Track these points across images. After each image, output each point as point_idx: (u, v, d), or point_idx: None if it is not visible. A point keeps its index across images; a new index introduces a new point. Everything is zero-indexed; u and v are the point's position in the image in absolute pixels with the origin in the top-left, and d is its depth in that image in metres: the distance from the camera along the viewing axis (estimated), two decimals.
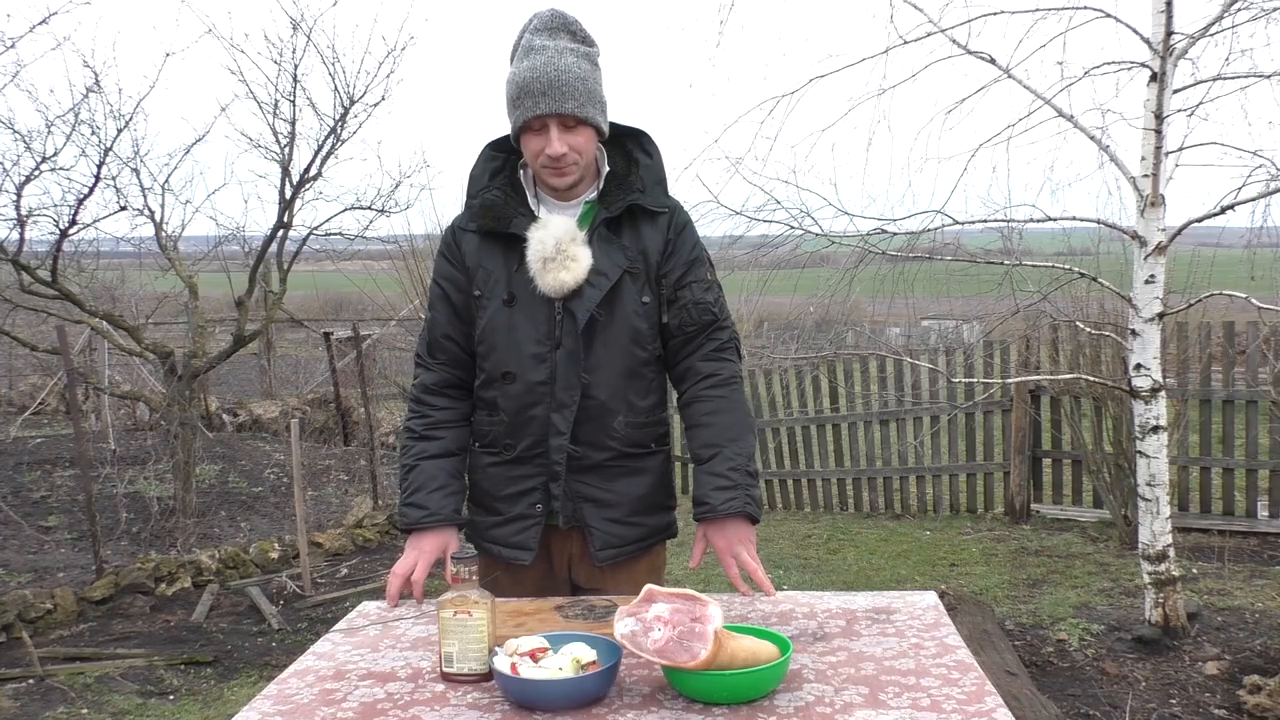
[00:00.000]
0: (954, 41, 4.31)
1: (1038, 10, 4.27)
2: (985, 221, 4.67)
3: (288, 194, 6.94)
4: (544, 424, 1.98)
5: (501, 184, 2.04)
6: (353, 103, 6.89)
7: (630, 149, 2.06)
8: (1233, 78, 4.23)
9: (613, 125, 2.04)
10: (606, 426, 1.99)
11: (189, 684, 4.55)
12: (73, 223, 6.38)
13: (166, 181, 6.92)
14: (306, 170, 6.95)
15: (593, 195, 2.02)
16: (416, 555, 1.98)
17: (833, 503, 8.37)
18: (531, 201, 2.02)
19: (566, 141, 1.91)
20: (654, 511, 2.07)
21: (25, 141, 6.19)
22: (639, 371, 2.02)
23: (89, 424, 10.43)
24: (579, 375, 1.96)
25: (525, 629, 1.73)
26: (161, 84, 7.29)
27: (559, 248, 1.91)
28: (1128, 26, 4.21)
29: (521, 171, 2.06)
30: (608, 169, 2.03)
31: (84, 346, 10.88)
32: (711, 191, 4.71)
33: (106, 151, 6.36)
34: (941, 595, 3.66)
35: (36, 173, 6.22)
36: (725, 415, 1.98)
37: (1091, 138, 4.34)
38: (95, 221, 6.73)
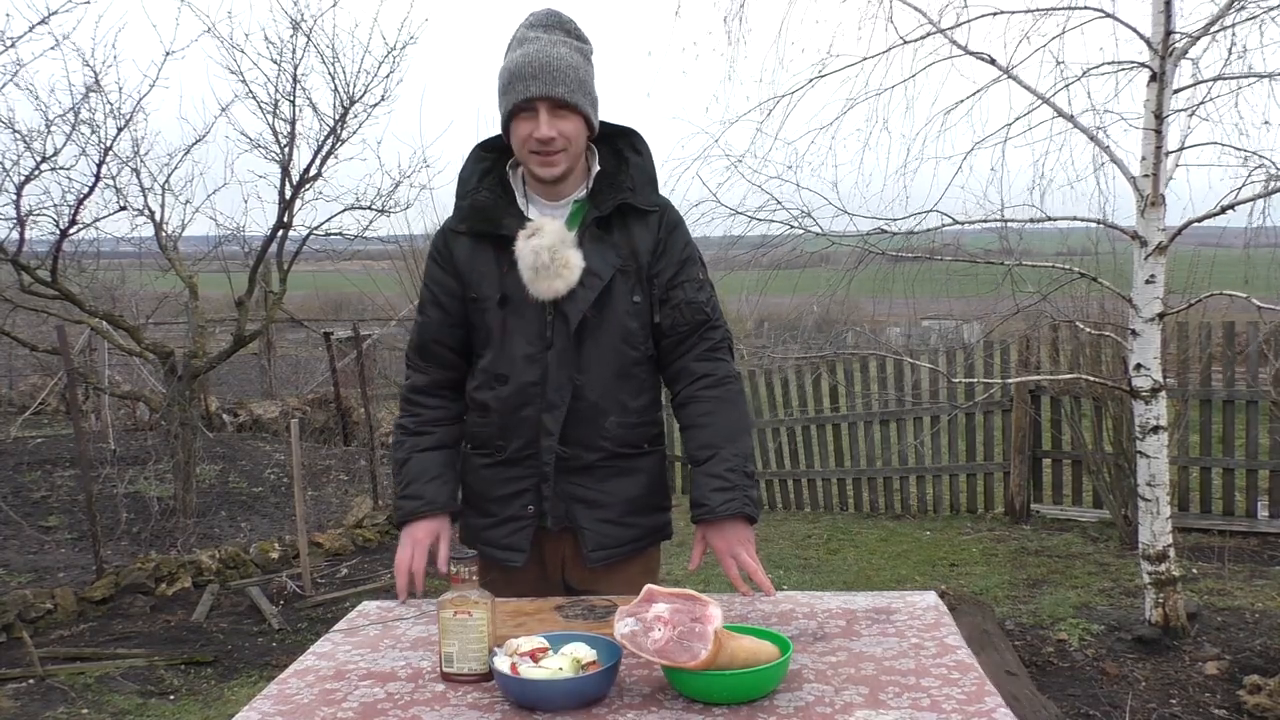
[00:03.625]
0: (953, 42, 4.31)
1: (1037, 10, 4.27)
2: (986, 221, 4.66)
3: (288, 194, 6.93)
4: (535, 425, 1.98)
5: (491, 185, 2.03)
6: (353, 103, 6.89)
7: (620, 147, 2.05)
8: (1233, 77, 4.23)
9: (603, 124, 2.04)
10: (599, 427, 1.99)
11: (189, 684, 4.55)
12: (73, 223, 6.37)
13: (166, 181, 6.89)
14: (306, 170, 6.94)
15: (582, 194, 2.01)
16: (412, 545, 1.99)
17: (833, 503, 8.37)
18: (521, 202, 2.02)
19: (555, 126, 1.90)
20: (648, 512, 2.07)
21: (25, 141, 6.18)
22: (631, 372, 2.01)
23: (89, 424, 10.43)
24: (570, 376, 1.96)
25: (525, 629, 1.73)
26: (161, 83, 7.25)
27: (553, 255, 1.90)
28: (1127, 26, 4.21)
29: (511, 172, 2.05)
30: (598, 168, 2.03)
31: (84, 346, 10.88)
32: (712, 191, 4.70)
33: (106, 151, 6.35)
34: (941, 595, 3.66)
35: (36, 172, 6.20)
36: (721, 416, 1.98)
37: (1091, 138, 4.33)
38: (95, 221, 6.71)
